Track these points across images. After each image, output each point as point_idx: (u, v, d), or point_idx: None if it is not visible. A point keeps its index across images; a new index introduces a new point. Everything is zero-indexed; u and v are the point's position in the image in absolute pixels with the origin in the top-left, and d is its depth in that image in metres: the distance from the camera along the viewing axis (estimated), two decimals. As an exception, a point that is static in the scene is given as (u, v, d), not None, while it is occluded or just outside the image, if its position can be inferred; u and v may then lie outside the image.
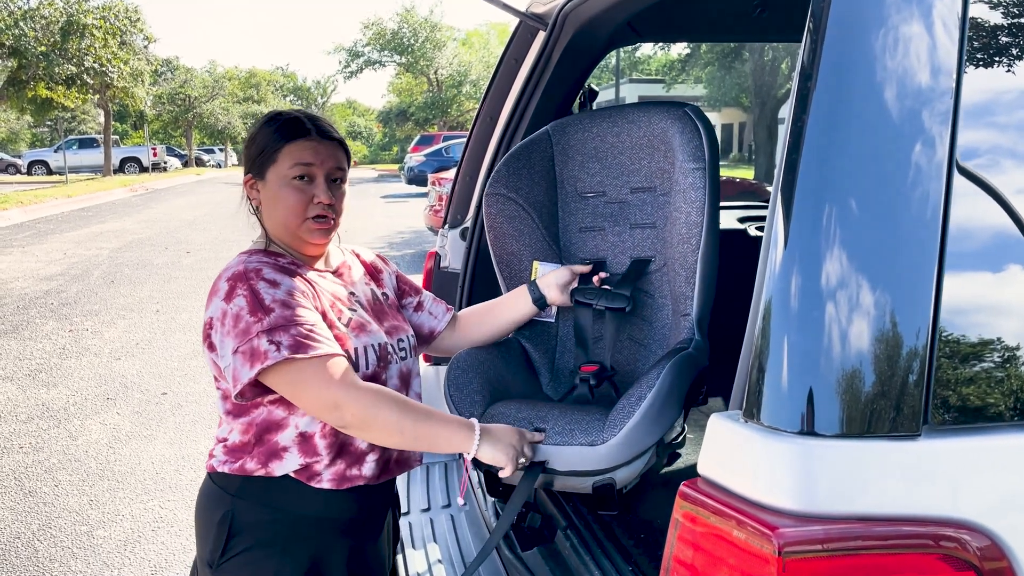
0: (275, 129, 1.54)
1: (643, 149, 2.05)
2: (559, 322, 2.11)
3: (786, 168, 0.95)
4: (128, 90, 25.94)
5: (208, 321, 1.46)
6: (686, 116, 1.92)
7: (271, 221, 1.56)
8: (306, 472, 1.51)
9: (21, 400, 5.06)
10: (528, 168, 2.13)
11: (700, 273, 1.80)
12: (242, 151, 1.62)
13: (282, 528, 1.52)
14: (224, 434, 1.55)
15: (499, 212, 2.10)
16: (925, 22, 0.95)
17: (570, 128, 2.15)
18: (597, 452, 1.56)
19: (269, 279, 1.44)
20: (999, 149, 0.99)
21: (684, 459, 2.46)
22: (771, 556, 0.84)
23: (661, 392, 1.57)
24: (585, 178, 2.15)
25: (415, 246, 12.05)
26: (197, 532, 1.59)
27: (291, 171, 1.51)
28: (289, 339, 1.38)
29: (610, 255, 2.10)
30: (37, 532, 3.39)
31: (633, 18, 2.47)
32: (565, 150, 2.16)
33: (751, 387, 0.94)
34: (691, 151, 1.86)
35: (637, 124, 2.04)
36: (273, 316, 1.39)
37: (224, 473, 1.53)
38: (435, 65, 40.39)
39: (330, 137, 1.57)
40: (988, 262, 0.96)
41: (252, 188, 1.57)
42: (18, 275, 9.42)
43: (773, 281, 0.93)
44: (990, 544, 0.88)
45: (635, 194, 2.08)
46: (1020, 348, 0.95)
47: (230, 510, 1.51)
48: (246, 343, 1.38)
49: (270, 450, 1.50)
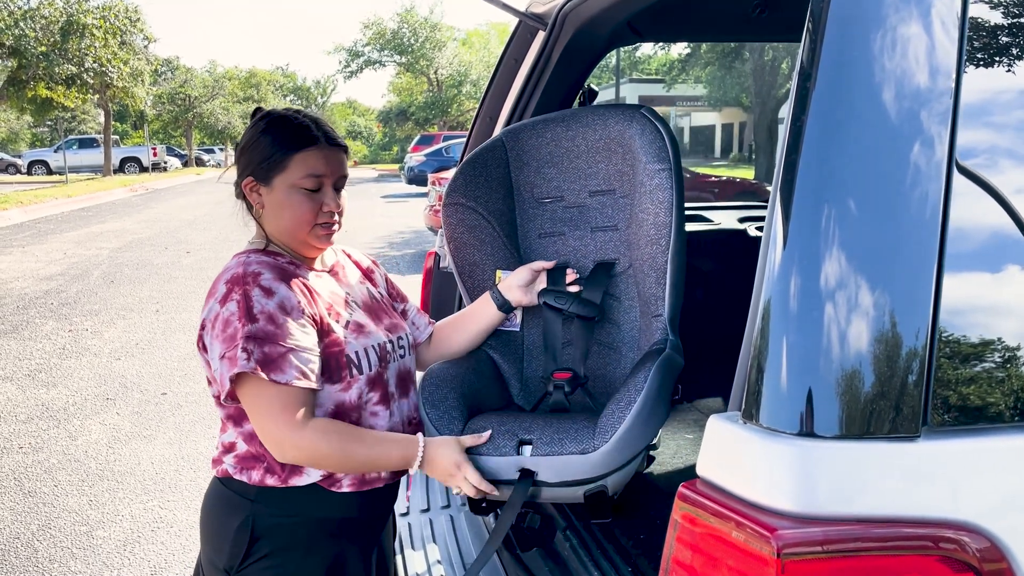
0: (282, 135, 1.51)
1: (600, 152, 2.03)
2: (524, 331, 2.08)
3: (785, 168, 0.95)
4: (128, 90, 25.95)
5: (202, 322, 1.46)
6: (644, 118, 1.91)
7: (275, 225, 1.54)
8: (328, 480, 1.51)
9: (21, 400, 5.06)
10: (485, 176, 2.09)
11: (670, 273, 1.79)
12: (237, 151, 1.58)
13: (303, 532, 1.52)
14: (230, 439, 1.54)
15: (459, 222, 2.06)
16: (925, 22, 0.95)
17: (523, 134, 2.12)
18: (589, 460, 1.54)
19: (265, 287, 1.43)
20: (999, 149, 0.98)
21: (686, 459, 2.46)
22: (770, 558, 0.84)
23: (650, 395, 1.56)
24: (541, 183, 2.12)
25: (415, 246, 12.04)
26: (207, 538, 1.58)
27: (303, 181, 1.50)
28: (260, 354, 1.38)
29: (572, 259, 2.08)
30: (37, 532, 3.39)
31: (633, 18, 2.47)
32: (520, 156, 2.13)
33: (750, 388, 0.93)
34: (655, 152, 1.84)
35: (592, 127, 2.02)
36: (255, 326, 1.39)
37: (240, 480, 1.51)
38: (435, 65, 40.42)
39: (337, 144, 1.55)
40: (988, 262, 0.95)
41: (253, 192, 1.54)
42: (18, 275, 9.43)
43: (772, 281, 0.93)
44: (990, 546, 0.88)
45: (594, 197, 2.06)
46: (1020, 348, 0.95)
47: (249, 516, 1.49)
48: (232, 349, 1.38)
49: (288, 465, 1.49)
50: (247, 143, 1.54)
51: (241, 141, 1.57)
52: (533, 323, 2.07)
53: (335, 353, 1.50)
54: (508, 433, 1.62)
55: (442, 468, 1.54)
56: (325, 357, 1.48)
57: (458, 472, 1.54)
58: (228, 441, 1.54)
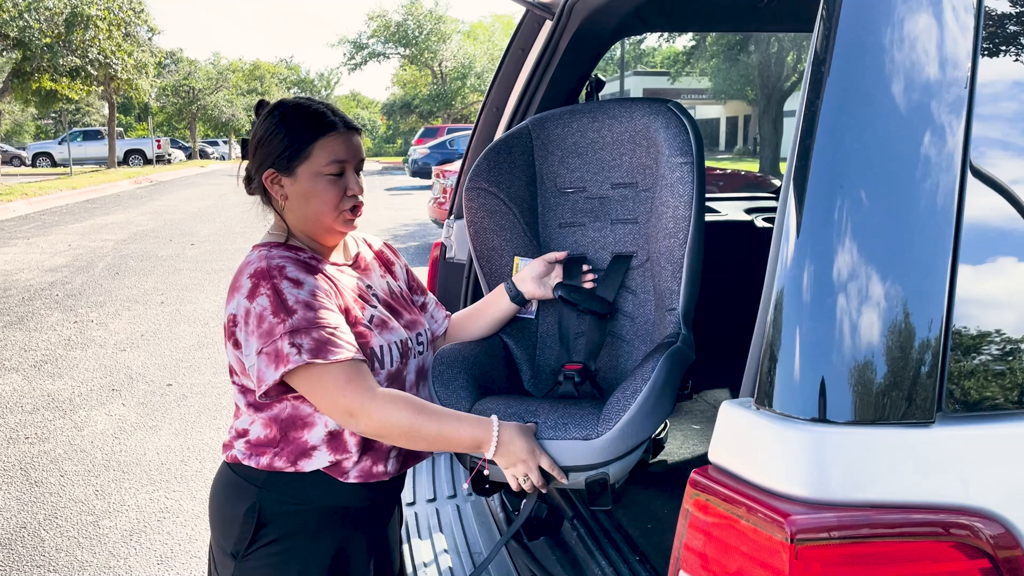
0: (302, 124, 1.50)
1: (624, 144, 2.03)
2: (539, 319, 2.08)
3: (799, 155, 0.95)
4: (132, 82, 25.95)
5: (231, 317, 1.44)
6: (670, 112, 1.91)
7: (299, 215, 1.53)
8: (336, 468, 1.51)
9: (27, 391, 5.08)
10: (509, 162, 2.10)
11: (687, 267, 1.79)
12: (251, 143, 1.55)
13: (310, 518, 1.52)
14: (244, 426, 1.54)
15: (480, 206, 2.07)
16: (940, 9, 0.94)
17: (549, 123, 2.12)
18: (592, 446, 1.54)
19: (292, 278, 1.43)
20: (1015, 138, 0.98)
21: (693, 448, 2.46)
22: (783, 543, 0.84)
23: (656, 385, 1.56)
24: (565, 174, 2.13)
25: (419, 238, 12.04)
26: (215, 522, 1.58)
27: (328, 167, 1.49)
28: (311, 342, 1.38)
29: (590, 251, 2.08)
30: (43, 522, 3.40)
31: (641, 7, 2.46)
32: (545, 145, 2.13)
33: (763, 375, 0.93)
34: (678, 145, 1.85)
35: (618, 119, 2.03)
36: (296, 318, 1.39)
37: (248, 465, 1.52)
38: (439, 57, 40.36)
39: (354, 127, 1.55)
40: (1003, 251, 0.95)
41: (275, 184, 1.52)
42: (23, 267, 9.44)
43: (786, 268, 0.92)
44: (1004, 532, 0.88)
45: (616, 190, 2.07)
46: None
47: (256, 502, 1.50)
48: (270, 344, 1.38)
49: (299, 448, 1.50)
50: (263, 136, 1.52)
51: (255, 134, 1.54)
52: (549, 312, 2.08)
53: (360, 345, 1.49)
54: (513, 416, 1.63)
55: (515, 455, 1.49)
56: None
57: (532, 459, 1.50)
58: (242, 427, 1.54)
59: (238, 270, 1.48)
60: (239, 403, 1.54)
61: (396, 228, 13.30)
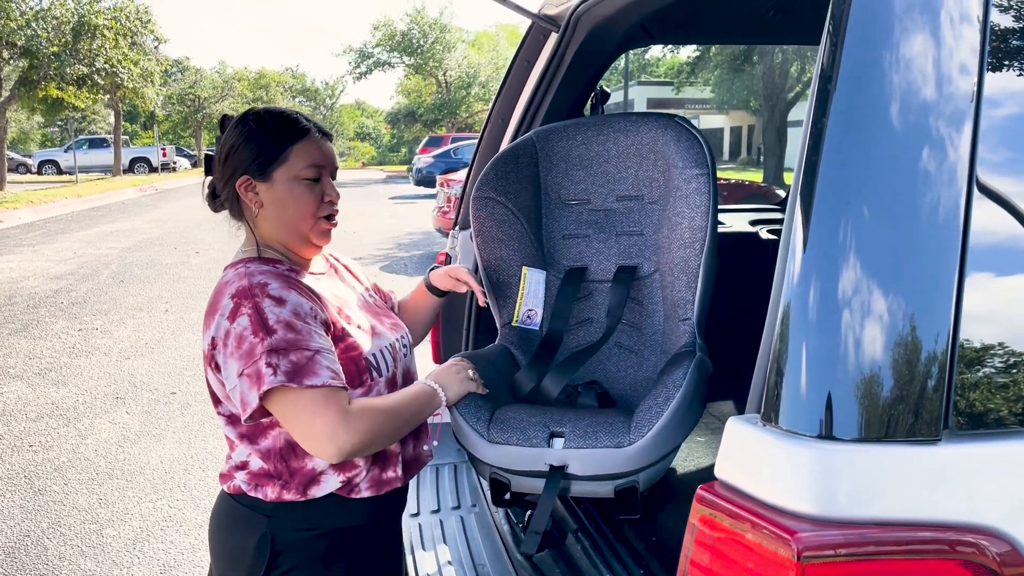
0: (277, 129, 1.47)
1: (630, 158, 2.04)
2: (543, 330, 2.08)
3: (805, 171, 0.95)
4: (138, 91, 26.02)
5: (211, 341, 1.39)
6: (679, 126, 1.93)
7: (274, 222, 1.49)
8: (347, 487, 1.48)
9: (31, 399, 5.08)
10: (516, 173, 2.10)
11: (702, 277, 1.80)
12: (219, 155, 1.50)
13: (323, 543, 1.48)
14: (242, 458, 1.48)
15: (488, 216, 2.06)
16: (947, 24, 0.95)
17: (554, 136, 2.13)
18: (625, 454, 1.53)
19: (275, 296, 1.38)
20: (1021, 152, 0.98)
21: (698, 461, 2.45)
22: (790, 561, 0.84)
23: (688, 393, 1.56)
24: (569, 185, 2.13)
25: (423, 247, 12.05)
26: (221, 555, 1.53)
27: (305, 171, 1.47)
28: (287, 364, 1.32)
29: (594, 262, 2.08)
30: (47, 530, 3.40)
31: (646, 19, 2.47)
32: (549, 157, 2.14)
33: (769, 390, 0.93)
34: (692, 157, 1.86)
35: (624, 133, 2.03)
36: (275, 338, 1.33)
37: (255, 496, 1.46)
38: (444, 66, 40.43)
39: (326, 134, 1.55)
40: (1010, 266, 0.95)
41: (249, 191, 1.48)
42: (28, 274, 9.47)
43: (792, 284, 0.92)
44: (1010, 550, 0.87)
45: (621, 202, 2.07)
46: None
47: (267, 532, 1.45)
48: (251, 365, 1.33)
49: (306, 478, 1.45)
50: (236, 143, 1.47)
51: (224, 145, 1.49)
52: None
53: (354, 357, 1.47)
54: (539, 424, 1.62)
55: (455, 388, 1.66)
56: (343, 362, 1.44)
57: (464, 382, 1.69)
58: (240, 460, 1.49)
59: (215, 291, 1.42)
60: (230, 435, 1.49)
61: (400, 236, 13.31)
